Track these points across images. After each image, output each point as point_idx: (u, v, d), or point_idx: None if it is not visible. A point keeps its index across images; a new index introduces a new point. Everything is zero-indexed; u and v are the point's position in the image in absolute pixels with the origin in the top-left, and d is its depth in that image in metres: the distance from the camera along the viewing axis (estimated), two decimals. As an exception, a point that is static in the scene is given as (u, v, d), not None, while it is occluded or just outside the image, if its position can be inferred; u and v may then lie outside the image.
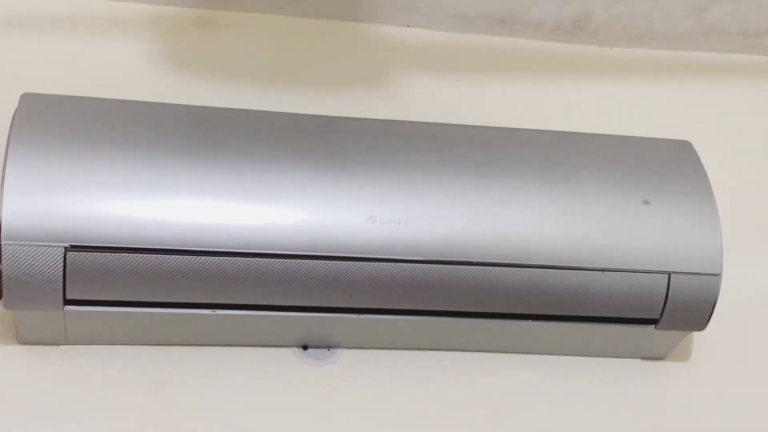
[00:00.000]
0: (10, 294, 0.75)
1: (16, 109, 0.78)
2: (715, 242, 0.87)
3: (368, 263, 0.80)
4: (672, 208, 0.87)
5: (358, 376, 0.89)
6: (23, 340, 0.83)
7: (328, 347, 0.89)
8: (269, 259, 0.78)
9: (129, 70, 1.00)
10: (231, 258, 0.77)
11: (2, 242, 0.72)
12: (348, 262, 0.79)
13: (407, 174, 0.83)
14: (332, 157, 0.83)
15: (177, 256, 0.76)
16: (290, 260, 0.78)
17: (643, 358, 0.96)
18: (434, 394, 0.90)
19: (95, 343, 0.84)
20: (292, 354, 0.88)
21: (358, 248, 0.79)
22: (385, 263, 0.80)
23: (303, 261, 0.79)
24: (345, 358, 0.89)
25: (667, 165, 0.91)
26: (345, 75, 1.07)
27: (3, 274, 0.73)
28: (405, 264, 0.80)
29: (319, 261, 0.79)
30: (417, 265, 0.81)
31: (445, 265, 0.81)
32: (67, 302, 0.77)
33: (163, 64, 1.01)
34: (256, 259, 0.78)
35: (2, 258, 0.72)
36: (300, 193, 0.80)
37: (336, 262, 0.79)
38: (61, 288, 0.75)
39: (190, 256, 0.77)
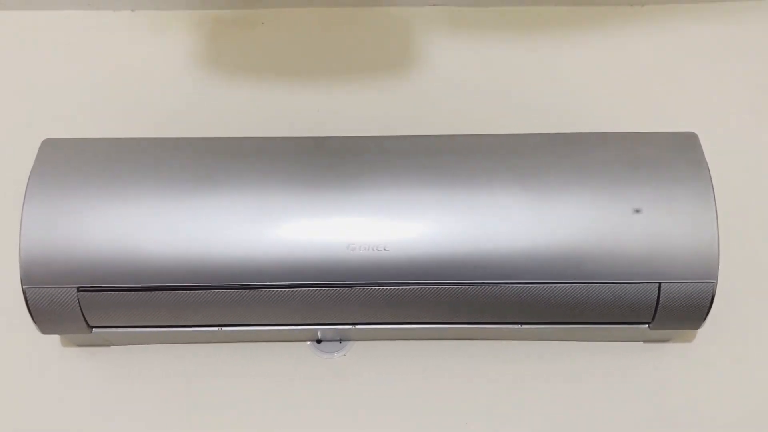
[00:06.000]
0: (42, 324, 0.88)
1: (35, 159, 0.88)
2: (710, 248, 0.85)
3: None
4: (665, 213, 0.85)
5: (368, 364, 0.97)
6: (74, 343, 0.98)
7: (339, 340, 0.98)
8: (259, 290, 0.86)
9: (175, 73, 1.10)
10: (226, 291, 0.86)
11: (23, 287, 0.85)
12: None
13: (388, 198, 0.87)
14: (315, 184, 0.87)
15: (175, 292, 0.86)
16: (275, 290, 0.86)
17: (646, 341, 0.98)
18: (447, 379, 0.97)
19: (133, 343, 0.97)
20: (307, 348, 0.98)
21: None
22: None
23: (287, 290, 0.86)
24: (355, 348, 0.98)
25: (665, 164, 0.87)
26: (375, 60, 1.10)
27: (31, 310, 0.86)
28: (414, 287, 0.86)
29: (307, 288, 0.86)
30: (430, 287, 0.86)
31: (435, 286, 0.86)
32: (92, 327, 0.89)
33: (208, 65, 1.10)
34: (248, 290, 0.86)
35: (27, 297, 0.85)
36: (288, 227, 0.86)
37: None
38: (82, 318, 0.87)
39: (188, 291, 0.86)
